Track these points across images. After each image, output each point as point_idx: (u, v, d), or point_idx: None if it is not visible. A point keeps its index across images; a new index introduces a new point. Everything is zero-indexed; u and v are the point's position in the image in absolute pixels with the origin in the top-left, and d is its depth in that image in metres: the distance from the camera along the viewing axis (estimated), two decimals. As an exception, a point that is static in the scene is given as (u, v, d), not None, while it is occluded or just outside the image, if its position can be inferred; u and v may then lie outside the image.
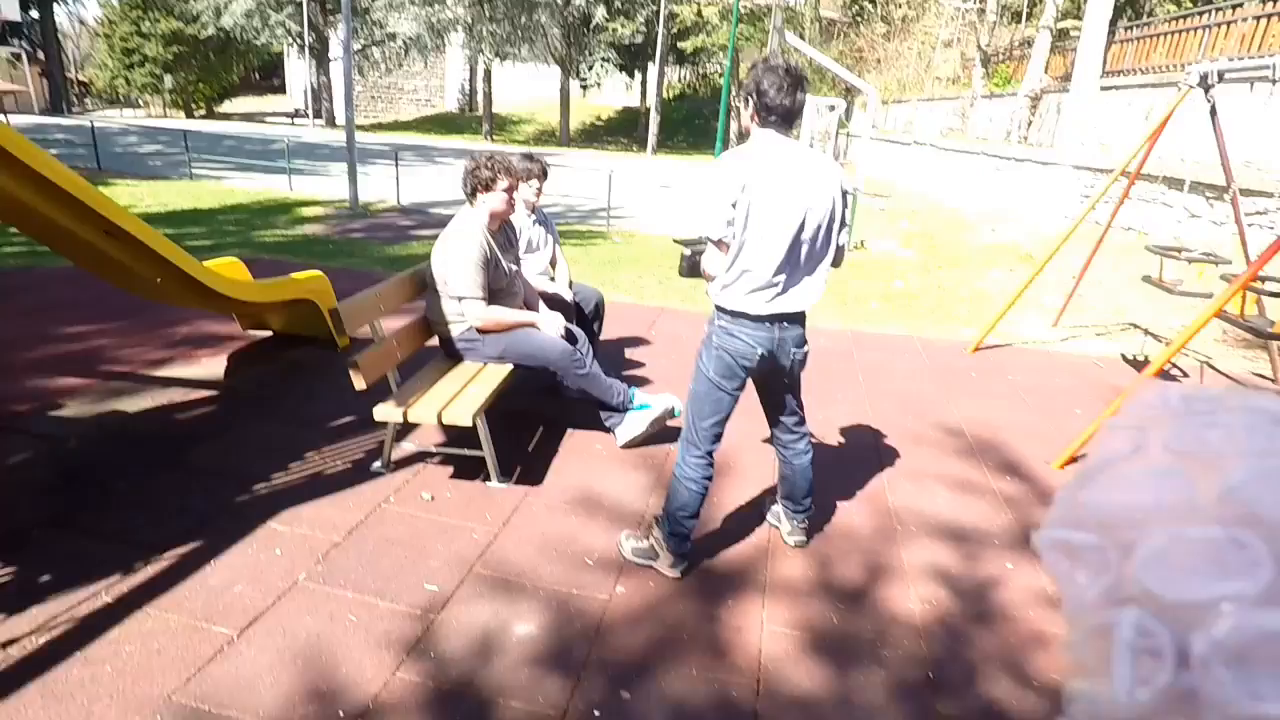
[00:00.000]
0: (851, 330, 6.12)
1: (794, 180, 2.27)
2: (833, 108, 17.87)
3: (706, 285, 2.49)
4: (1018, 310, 6.42)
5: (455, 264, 3.19)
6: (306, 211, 10.49)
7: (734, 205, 2.27)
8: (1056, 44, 16.93)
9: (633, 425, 3.57)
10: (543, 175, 4.07)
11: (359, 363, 2.77)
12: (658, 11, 28.78)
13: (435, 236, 3.46)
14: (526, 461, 3.43)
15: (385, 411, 2.89)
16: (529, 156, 4.08)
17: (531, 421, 3.83)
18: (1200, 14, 12.33)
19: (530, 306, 3.68)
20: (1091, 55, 13.05)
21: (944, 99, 22.61)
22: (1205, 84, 4.84)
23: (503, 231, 3.46)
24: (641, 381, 4.57)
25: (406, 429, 3.52)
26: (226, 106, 44.52)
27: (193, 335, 4.83)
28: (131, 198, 10.56)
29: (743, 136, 2.45)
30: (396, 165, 11.92)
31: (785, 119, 2.33)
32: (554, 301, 3.99)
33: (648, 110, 32.09)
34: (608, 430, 3.68)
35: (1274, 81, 3.88)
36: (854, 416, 4.22)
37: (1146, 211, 10.18)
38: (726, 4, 30.08)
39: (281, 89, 47.52)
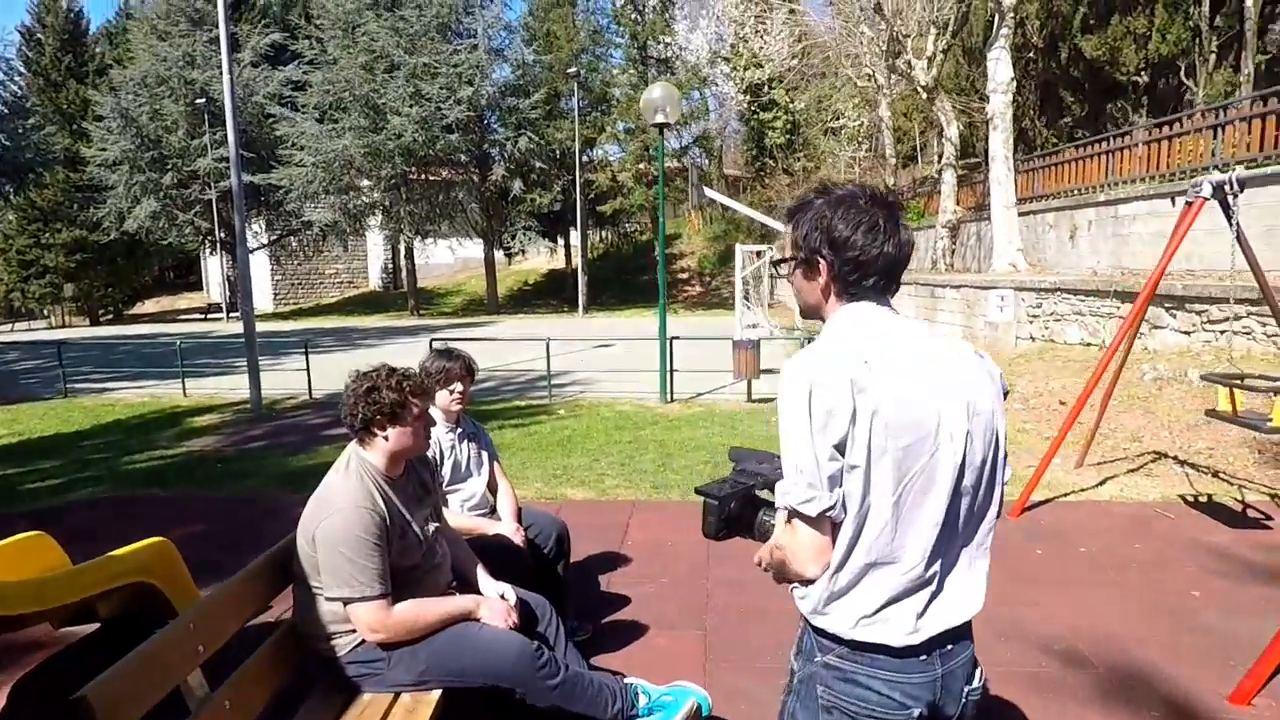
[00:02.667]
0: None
1: (939, 391, 1.24)
2: (760, 254, 18.00)
3: (789, 586, 1.37)
4: (1036, 454, 5.59)
5: (333, 551, 1.97)
6: (199, 421, 9.07)
7: (839, 449, 1.20)
8: (960, 178, 17.73)
9: (641, 747, 2.29)
10: (467, 375, 2.99)
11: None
12: (574, 180, 29.67)
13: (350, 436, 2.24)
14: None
15: None
16: (447, 353, 3.00)
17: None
18: (1100, 141, 12.94)
19: (463, 575, 2.45)
20: (1004, 184, 13.41)
21: (860, 236, 23.34)
22: (1222, 194, 4.28)
23: (411, 473, 2.29)
24: (631, 631, 3.29)
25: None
26: (138, 308, 43.01)
27: (-26, 646, 3.33)
28: (-14, 426, 8.97)
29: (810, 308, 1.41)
30: (307, 355, 10.74)
31: (887, 279, 1.33)
32: (495, 550, 2.77)
33: (574, 271, 32.36)
34: (599, 752, 2.37)
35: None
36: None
37: (1111, 326, 9.81)
38: (639, 169, 31.40)
39: (199, 285, 46.54)
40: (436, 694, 2.07)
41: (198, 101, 30.58)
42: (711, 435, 7.33)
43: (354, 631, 2.04)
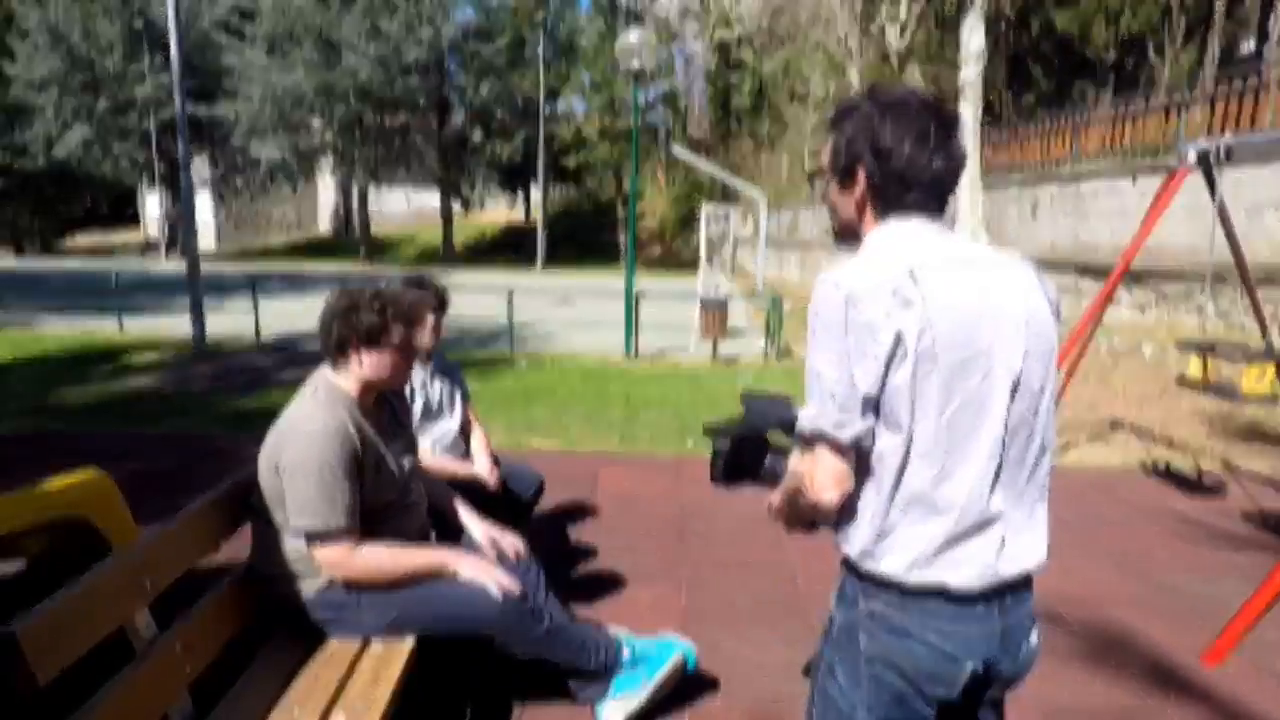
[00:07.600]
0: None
1: (994, 304, 1.13)
2: (727, 216, 17.81)
3: (815, 523, 1.25)
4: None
5: (299, 480, 1.78)
6: (137, 358, 8.57)
7: (879, 367, 1.07)
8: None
9: (626, 699, 2.17)
10: (440, 307, 2.77)
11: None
12: (536, 132, 28.88)
13: (303, 380, 2.04)
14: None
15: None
16: (418, 281, 2.77)
17: (449, 702, 2.33)
18: (1066, 117, 13.05)
19: (442, 515, 2.27)
20: (970, 156, 13.46)
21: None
22: (1207, 164, 4.27)
23: (385, 406, 2.09)
24: (606, 583, 3.18)
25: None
26: (69, 243, 40.63)
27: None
28: (-103, 356, 8.32)
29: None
30: (255, 294, 10.23)
31: (929, 195, 1.18)
32: (469, 494, 2.60)
33: (534, 226, 31.71)
34: (579, 701, 2.25)
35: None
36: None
37: (1068, 300, 9.98)
38: (604, 123, 30.72)
39: (135, 221, 44.10)
40: (410, 641, 1.90)
41: (135, 23, 28.61)
42: (679, 392, 7.23)
43: (320, 570, 1.85)
